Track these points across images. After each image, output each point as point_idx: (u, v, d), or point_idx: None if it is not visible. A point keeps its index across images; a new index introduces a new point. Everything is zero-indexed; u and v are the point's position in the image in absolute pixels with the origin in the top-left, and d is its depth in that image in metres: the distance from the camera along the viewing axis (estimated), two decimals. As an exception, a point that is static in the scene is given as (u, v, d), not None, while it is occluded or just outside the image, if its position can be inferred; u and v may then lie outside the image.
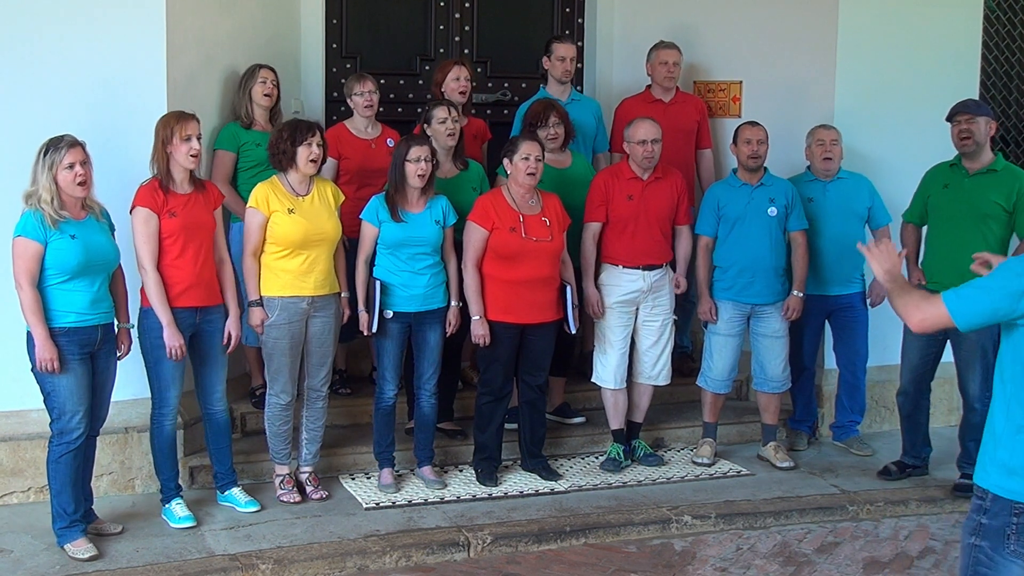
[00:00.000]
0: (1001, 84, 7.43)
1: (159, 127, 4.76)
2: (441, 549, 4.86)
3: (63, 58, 5.06)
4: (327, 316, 5.17)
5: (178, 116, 4.77)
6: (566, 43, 6.31)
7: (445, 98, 5.88)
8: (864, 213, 6.04)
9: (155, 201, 4.72)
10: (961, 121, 5.51)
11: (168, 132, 4.72)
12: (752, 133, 5.76)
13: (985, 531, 2.90)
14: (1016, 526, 2.85)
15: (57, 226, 4.38)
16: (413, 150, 5.16)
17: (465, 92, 5.96)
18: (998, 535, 2.87)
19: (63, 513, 4.57)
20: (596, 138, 6.44)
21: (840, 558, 4.99)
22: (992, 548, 2.88)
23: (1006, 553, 2.86)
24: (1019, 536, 2.84)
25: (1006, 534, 2.86)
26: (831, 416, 6.41)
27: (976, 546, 2.93)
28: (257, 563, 4.58)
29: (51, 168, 4.37)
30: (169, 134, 4.72)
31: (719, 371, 5.86)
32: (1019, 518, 2.84)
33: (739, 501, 5.46)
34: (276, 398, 5.16)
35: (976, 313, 2.92)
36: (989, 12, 7.10)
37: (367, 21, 6.80)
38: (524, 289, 5.35)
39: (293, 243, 5.01)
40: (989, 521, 2.90)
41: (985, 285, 2.94)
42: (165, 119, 4.78)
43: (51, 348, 4.37)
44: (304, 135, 4.99)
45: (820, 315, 6.05)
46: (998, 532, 2.87)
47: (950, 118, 5.59)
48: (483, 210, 5.33)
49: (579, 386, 6.26)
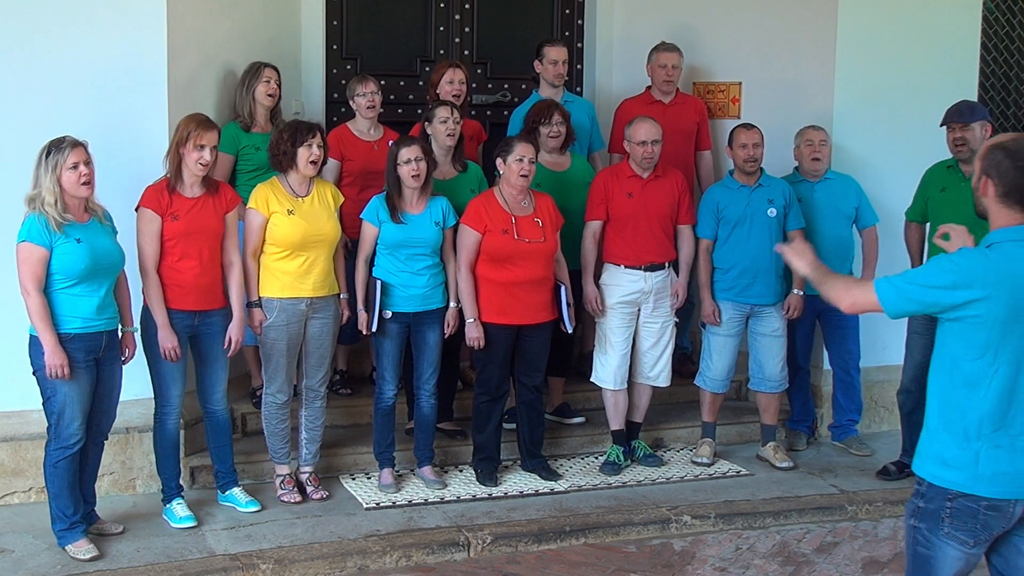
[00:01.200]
0: (1000, 85, 7.44)
1: (180, 125, 4.75)
2: (441, 549, 4.87)
3: (63, 59, 5.07)
4: (326, 317, 5.18)
5: (199, 122, 4.75)
6: (557, 46, 6.29)
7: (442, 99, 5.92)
8: (852, 213, 6.07)
9: (160, 203, 4.72)
10: (955, 129, 5.53)
11: (184, 135, 4.71)
12: (748, 137, 5.77)
13: (922, 514, 3.10)
14: (949, 510, 3.03)
15: (62, 230, 4.35)
16: (403, 152, 5.18)
17: (459, 95, 5.96)
18: (934, 518, 3.06)
19: (62, 516, 4.57)
20: (591, 137, 6.45)
21: (839, 558, 5.01)
22: (929, 530, 3.08)
23: (941, 535, 3.05)
24: (952, 520, 3.03)
25: (940, 517, 3.05)
26: (830, 417, 6.43)
27: (915, 527, 3.12)
28: (258, 563, 4.59)
29: (54, 169, 4.33)
30: (185, 137, 4.71)
31: (718, 371, 5.88)
32: (952, 503, 3.03)
33: (738, 501, 5.47)
34: (272, 397, 5.17)
35: (902, 301, 3.01)
36: (988, 13, 7.11)
37: (367, 22, 6.82)
38: (518, 290, 5.36)
39: (292, 244, 5.02)
40: (926, 505, 3.09)
41: (913, 278, 3.04)
42: (187, 120, 4.76)
43: (61, 354, 4.35)
44: (304, 136, 5.00)
45: (811, 315, 6.06)
46: (934, 515, 3.06)
47: (944, 124, 5.60)
48: (475, 213, 5.35)
49: (578, 386, 6.27)
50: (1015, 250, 2.98)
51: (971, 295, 2.94)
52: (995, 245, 3.00)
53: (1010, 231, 3.01)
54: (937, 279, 2.97)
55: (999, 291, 2.93)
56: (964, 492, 3.00)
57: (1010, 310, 2.94)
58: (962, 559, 3.05)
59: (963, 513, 3.01)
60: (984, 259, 2.97)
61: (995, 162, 3.02)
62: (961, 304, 2.95)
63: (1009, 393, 2.98)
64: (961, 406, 3.02)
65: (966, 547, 3.03)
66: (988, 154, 3.04)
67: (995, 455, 2.98)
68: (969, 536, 3.02)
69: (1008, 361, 2.97)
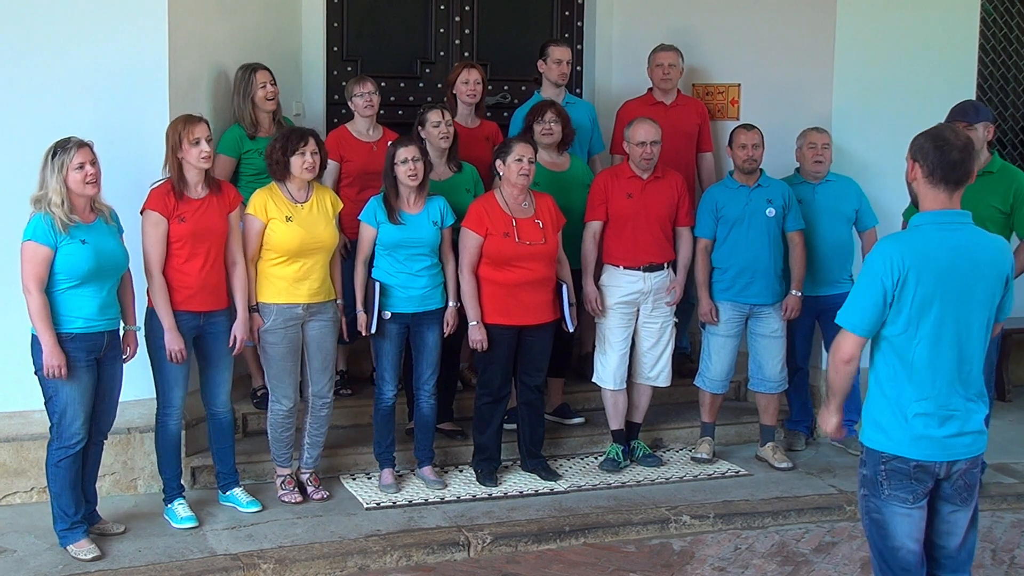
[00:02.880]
0: (998, 87, 7.47)
1: (168, 133, 4.78)
2: (441, 549, 4.89)
3: (65, 61, 5.09)
4: (324, 321, 5.18)
5: (185, 120, 4.77)
6: (562, 46, 6.34)
7: (456, 99, 5.97)
8: (852, 215, 6.08)
9: (165, 205, 4.74)
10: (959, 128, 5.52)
11: (177, 137, 4.73)
12: (747, 137, 5.79)
13: (865, 481, 3.40)
14: (884, 472, 3.33)
15: (67, 230, 4.37)
16: (400, 152, 5.20)
17: (474, 94, 6.01)
18: (873, 483, 3.36)
19: (64, 515, 4.59)
20: (591, 139, 6.47)
21: (837, 558, 5.03)
22: (873, 495, 3.37)
23: (883, 498, 3.34)
24: (889, 481, 3.32)
25: (879, 481, 3.34)
26: (828, 417, 6.44)
27: (864, 496, 3.41)
28: (259, 563, 4.61)
29: (61, 170, 4.36)
30: (178, 139, 4.73)
31: (717, 371, 5.90)
32: (886, 466, 3.32)
33: (737, 501, 5.49)
34: (278, 404, 5.17)
35: (863, 321, 3.30)
36: (986, 15, 7.14)
37: (368, 24, 6.84)
38: (520, 291, 5.38)
39: (289, 251, 5.03)
40: (866, 472, 3.39)
41: (857, 291, 3.33)
42: (173, 124, 4.79)
43: (59, 355, 4.37)
44: (296, 144, 5.00)
45: (810, 315, 6.07)
46: (873, 480, 3.36)
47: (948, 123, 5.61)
48: (476, 216, 5.36)
49: (578, 387, 6.29)
50: (934, 232, 3.27)
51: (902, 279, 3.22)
52: (916, 228, 3.30)
53: (932, 215, 3.29)
54: (873, 286, 3.26)
55: (917, 272, 3.21)
56: (895, 454, 3.30)
57: (927, 287, 3.22)
58: (909, 515, 3.32)
59: (897, 474, 3.30)
60: (899, 244, 3.27)
61: (918, 146, 3.31)
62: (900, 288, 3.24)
63: (931, 364, 3.26)
64: (891, 377, 3.32)
65: (907, 504, 3.31)
66: (913, 142, 3.34)
67: (921, 421, 3.27)
68: (907, 494, 3.30)
69: (928, 335, 3.25)
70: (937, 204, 3.28)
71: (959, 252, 3.26)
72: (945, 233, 3.27)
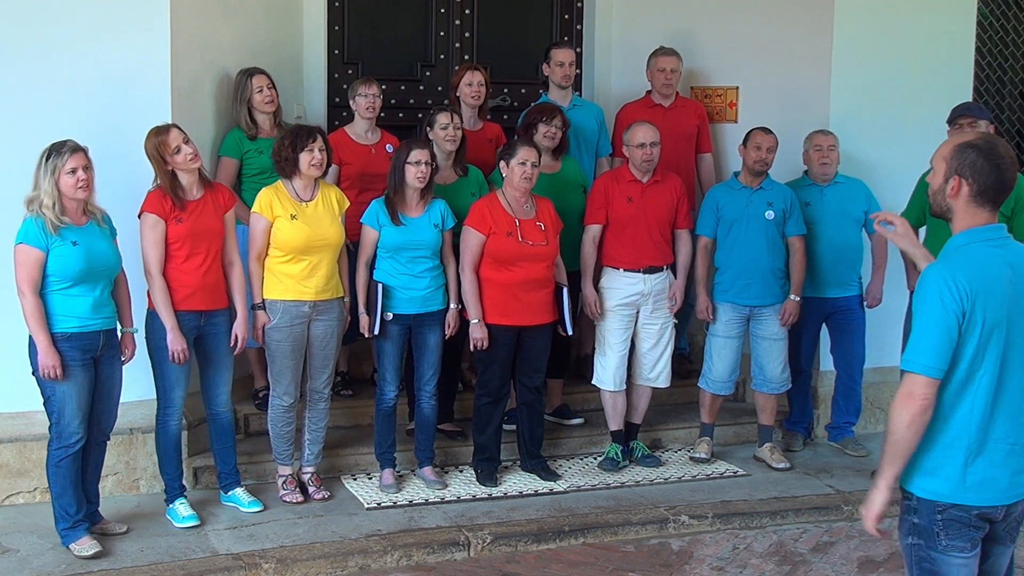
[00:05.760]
0: (994, 90, 7.49)
1: (147, 149, 4.77)
2: (442, 548, 4.91)
3: (67, 64, 5.12)
4: (329, 320, 5.22)
5: (155, 133, 4.77)
6: (564, 48, 6.39)
7: (460, 102, 5.99)
8: (861, 217, 6.08)
9: (163, 207, 4.77)
10: (963, 125, 5.52)
11: (156, 152, 4.74)
12: (764, 140, 5.82)
13: (917, 530, 3.06)
14: (941, 523, 3.00)
15: (58, 232, 4.40)
16: (414, 153, 5.23)
17: (478, 96, 6.04)
18: (928, 534, 3.03)
19: (65, 515, 4.61)
20: (599, 142, 6.49)
21: (835, 557, 5.05)
22: (928, 546, 3.04)
23: (940, 549, 3.01)
24: (947, 531, 3.00)
25: (935, 532, 3.01)
26: (827, 417, 6.47)
27: (914, 545, 3.08)
28: (260, 562, 4.64)
29: (53, 173, 4.39)
30: (159, 154, 4.74)
31: (720, 373, 5.92)
32: (943, 515, 3.00)
33: (736, 501, 5.51)
34: (279, 400, 5.21)
35: (941, 354, 2.89)
36: (982, 19, 7.15)
37: (368, 27, 6.86)
38: (520, 292, 5.41)
39: (295, 249, 5.07)
40: (919, 521, 3.05)
41: (922, 327, 2.92)
42: (147, 142, 4.77)
43: (53, 355, 4.41)
44: (305, 141, 5.04)
45: (818, 318, 6.10)
46: (927, 531, 3.03)
47: (951, 121, 5.61)
48: (479, 215, 5.40)
49: (578, 388, 6.32)
50: (986, 250, 2.94)
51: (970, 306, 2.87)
52: (965, 247, 2.95)
53: (980, 231, 2.96)
54: (943, 318, 2.88)
55: (984, 296, 2.88)
56: (953, 503, 2.97)
57: (996, 312, 2.89)
58: (967, 564, 3.03)
59: (956, 523, 2.98)
60: (957, 268, 2.91)
61: (969, 161, 2.93)
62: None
63: (993, 400, 2.93)
64: (945, 416, 2.95)
65: (966, 553, 3.01)
66: (958, 154, 2.95)
67: (980, 463, 2.95)
68: (966, 542, 3.00)
69: (991, 367, 2.92)
70: (980, 220, 2.96)
71: (1015, 270, 2.95)
72: (996, 251, 2.95)
